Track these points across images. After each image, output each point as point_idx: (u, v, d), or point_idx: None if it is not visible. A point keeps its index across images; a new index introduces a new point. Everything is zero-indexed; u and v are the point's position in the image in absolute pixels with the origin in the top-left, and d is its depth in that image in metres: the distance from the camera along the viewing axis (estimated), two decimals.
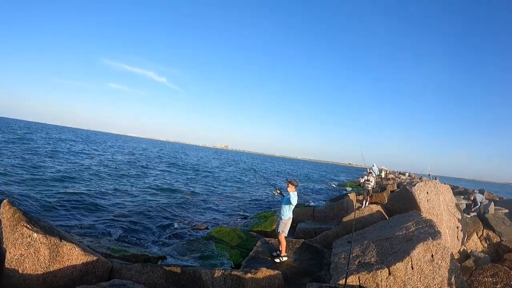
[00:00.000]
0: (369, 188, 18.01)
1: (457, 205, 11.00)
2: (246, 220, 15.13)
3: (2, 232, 4.65)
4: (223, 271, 5.82)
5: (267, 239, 10.27)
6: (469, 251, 10.41)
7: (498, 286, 6.64)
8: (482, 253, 10.43)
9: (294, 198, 8.77)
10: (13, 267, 4.47)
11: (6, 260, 4.44)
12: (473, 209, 14.61)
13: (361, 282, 5.74)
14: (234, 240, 10.57)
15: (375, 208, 10.82)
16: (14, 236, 4.54)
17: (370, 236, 8.04)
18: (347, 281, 5.52)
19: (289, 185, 8.87)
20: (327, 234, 10.47)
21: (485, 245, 11.46)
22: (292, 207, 9.05)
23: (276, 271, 6.23)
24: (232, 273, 5.77)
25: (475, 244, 11.11)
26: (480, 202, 14.89)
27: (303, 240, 10.16)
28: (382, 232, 8.11)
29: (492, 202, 15.80)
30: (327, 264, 8.00)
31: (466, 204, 15.87)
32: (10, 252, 4.47)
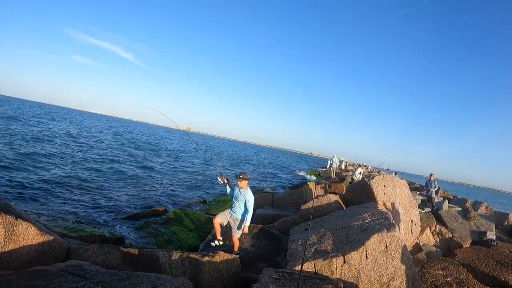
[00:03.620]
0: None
1: (412, 200, 11.38)
2: (205, 204, 15.14)
3: None
4: (181, 253, 5.78)
5: None
6: (421, 244, 10.79)
7: (448, 279, 6.96)
8: (434, 247, 10.85)
9: (251, 199, 7.71)
10: None
11: None
12: (430, 190, 15.33)
13: (316, 268, 5.84)
14: (192, 223, 10.56)
15: (333, 197, 11.03)
16: None
17: (327, 225, 8.19)
18: (303, 267, 5.62)
19: (242, 181, 7.73)
20: (285, 221, 10.59)
21: (438, 239, 11.90)
22: (251, 213, 7.78)
23: (234, 255, 6.28)
24: (190, 255, 5.73)
25: (428, 238, 11.52)
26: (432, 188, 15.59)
27: (261, 225, 10.27)
28: (339, 221, 8.28)
29: (446, 200, 16.48)
30: (284, 250, 8.12)
31: (422, 199, 16.45)
32: None
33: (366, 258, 5.93)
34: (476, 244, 11.70)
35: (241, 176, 7.73)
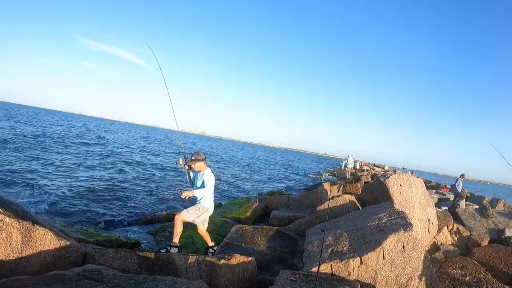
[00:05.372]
0: None
1: (429, 199, 11.24)
2: (220, 206, 15.16)
3: None
4: (197, 257, 5.78)
5: (241, 225, 10.34)
6: (439, 243, 10.67)
7: (467, 278, 6.86)
8: (451, 246, 10.72)
9: (208, 178, 6.70)
10: None
11: None
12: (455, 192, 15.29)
13: (333, 270, 5.80)
14: (208, 226, 10.56)
15: (349, 198, 10.98)
16: None
17: (343, 226, 8.13)
18: (320, 269, 5.59)
19: (195, 163, 6.72)
20: (301, 222, 10.57)
21: (455, 238, 11.74)
22: (206, 191, 6.78)
23: (250, 258, 6.24)
24: (206, 259, 5.72)
25: (445, 237, 11.37)
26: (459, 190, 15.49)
27: (277, 227, 10.24)
28: (355, 222, 8.22)
29: (463, 199, 16.31)
30: (300, 252, 8.09)
31: (438, 198, 16.31)
32: None
33: (383, 258, 5.87)
34: (494, 242, 11.52)
35: (193, 158, 6.73)
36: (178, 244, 6.97)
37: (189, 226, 10.01)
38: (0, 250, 4.41)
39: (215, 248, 7.71)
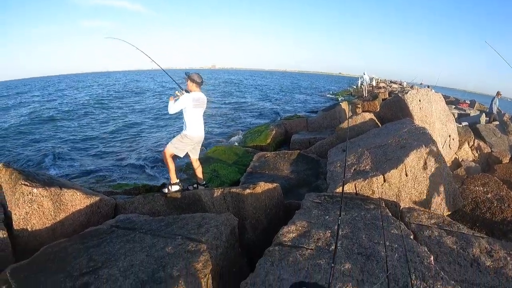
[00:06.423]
0: None
1: (449, 114, 10.99)
2: (240, 137, 15.27)
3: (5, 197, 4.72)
4: (222, 189, 5.83)
5: (263, 153, 10.44)
6: (460, 160, 10.56)
7: (489, 195, 6.86)
8: (473, 163, 10.55)
9: (184, 97, 6.01)
10: (21, 227, 4.55)
11: (13, 222, 4.52)
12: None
13: (357, 189, 5.84)
14: (230, 157, 10.70)
15: (368, 116, 10.85)
16: (16, 197, 4.56)
17: (364, 144, 8.08)
18: (344, 189, 5.64)
19: (188, 81, 6.15)
20: (322, 144, 10.63)
21: (476, 155, 11.55)
22: (191, 116, 6.14)
23: (275, 184, 6.26)
24: (231, 190, 5.76)
25: (466, 153, 11.21)
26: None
27: (298, 151, 10.32)
28: (375, 139, 8.16)
29: (484, 113, 16.00)
30: (324, 173, 8.16)
31: (458, 114, 16.06)
32: (15, 214, 4.54)
33: (406, 175, 5.87)
34: None
35: (187, 76, 6.21)
36: (178, 181, 6.39)
37: (212, 161, 10.17)
38: (35, 220, 4.65)
39: (207, 185, 7.02)
